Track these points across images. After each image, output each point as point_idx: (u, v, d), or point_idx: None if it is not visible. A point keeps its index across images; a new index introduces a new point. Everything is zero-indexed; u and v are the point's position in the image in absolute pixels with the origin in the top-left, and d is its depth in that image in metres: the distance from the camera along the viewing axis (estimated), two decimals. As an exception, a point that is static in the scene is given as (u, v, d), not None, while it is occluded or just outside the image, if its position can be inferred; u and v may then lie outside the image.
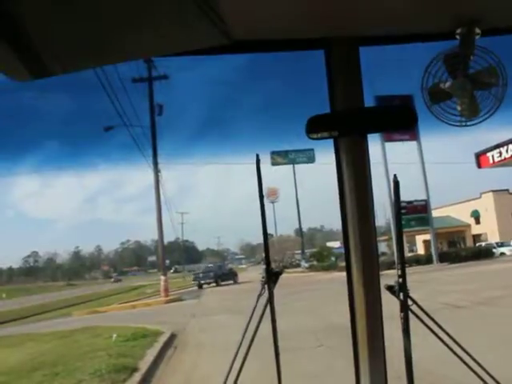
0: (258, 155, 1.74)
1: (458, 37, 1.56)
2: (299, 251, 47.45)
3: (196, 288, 31.81)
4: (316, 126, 1.59)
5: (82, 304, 29.10)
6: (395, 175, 1.66)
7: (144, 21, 1.28)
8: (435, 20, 1.54)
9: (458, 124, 1.65)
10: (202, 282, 32.19)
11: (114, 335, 11.16)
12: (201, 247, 76.98)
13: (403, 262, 1.72)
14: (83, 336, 12.30)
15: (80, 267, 72.68)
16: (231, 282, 32.53)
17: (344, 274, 1.79)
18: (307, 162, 39.08)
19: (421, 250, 38.06)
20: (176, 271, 56.97)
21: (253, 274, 30.65)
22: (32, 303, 34.15)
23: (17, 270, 70.73)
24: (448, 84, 1.61)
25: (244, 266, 46.34)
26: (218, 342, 9.88)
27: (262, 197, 1.73)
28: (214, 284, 32.01)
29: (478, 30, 1.54)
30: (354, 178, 1.64)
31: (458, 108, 1.62)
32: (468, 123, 1.65)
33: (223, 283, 32.06)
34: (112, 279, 66.92)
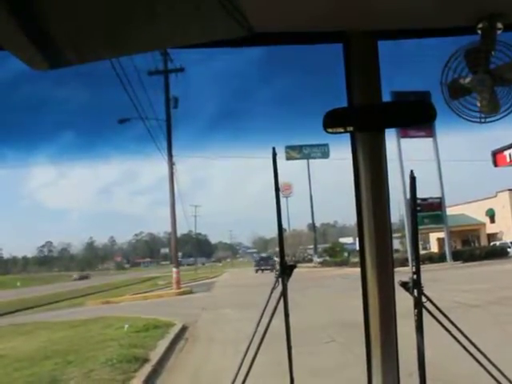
0: (274, 148, 1.73)
1: (479, 31, 1.53)
2: (312, 246, 47.43)
3: (206, 281, 32.65)
4: (333, 120, 1.58)
5: (94, 294, 29.37)
6: (412, 171, 1.64)
7: (161, 11, 1.27)
8: (456, 14, 1.52)
9: (477, 120, 1.62)
10: (262, 268, 37.71)
11: (126, 326, 11.25)
12: (213, 240, 77.13)
13: (418, 259, 1.71)
14: (95, 326, 12.42)
15: (93, 258, 73.13)
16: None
17: (356, 269, 1.79)
18: (322, 157, 38.95)
19: (434, 247, 37.80)
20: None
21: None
22: (46, 292, 34.55)
23: (31, 260, 71.38)
24: (468, 79, 1.58)
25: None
26: (228, 335, 9.93)
27: (277, 190, 1.73)
28: (269, 270, 36.08)
29: (499, 25, 1.51)
30: (370, 173, 1.63)
31: (478, 104, 1.60)
32: (487, 120, 1.62)
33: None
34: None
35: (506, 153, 27.89)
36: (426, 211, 30.39)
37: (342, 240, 49.84)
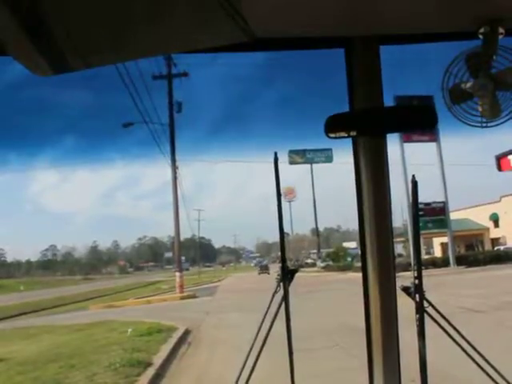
0: (276, 153, 1.73)
1: (480, 36, 1.53)
2: (315, 251, 47.38)
3: (209, 285, 32.75)
4: (335, 125, 1.58)
5: (98, 298, 29.35)
6: (413, 175, 1.64)
7: (165, 17, 1.28)
8: (457, 19, 1.52)
9: (478, 125, 1.62)
10: (264, 271, 40.71)
11: (129, 330, 11.24)
12: (217, 245, 77.02)
13: (420, 264, 1.71)
14: (99, 330, 12.42)
15: (97, 262, 73.07)
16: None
17: (360, 274, 1.78)
18: (325, 162, 38.90)
19: (438, 252, 37.67)
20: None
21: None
22: (49, 296, 34.55)
23: (35, 263, 71.31)
24: (469, 84, 1.59)
25: None
26: (231, 339, 9.91)
27: (279, 195, 1.73)
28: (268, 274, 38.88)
29: (501, 30, 1.51)
30: (372, 178, 1.63)
31: (479, 109, 1.60)
32: (489, 124, 1.62)
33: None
34: None
35: (510, 157, 27.76)
36: (430, 216, 30.28)
37: (346, 244, 49.72)
